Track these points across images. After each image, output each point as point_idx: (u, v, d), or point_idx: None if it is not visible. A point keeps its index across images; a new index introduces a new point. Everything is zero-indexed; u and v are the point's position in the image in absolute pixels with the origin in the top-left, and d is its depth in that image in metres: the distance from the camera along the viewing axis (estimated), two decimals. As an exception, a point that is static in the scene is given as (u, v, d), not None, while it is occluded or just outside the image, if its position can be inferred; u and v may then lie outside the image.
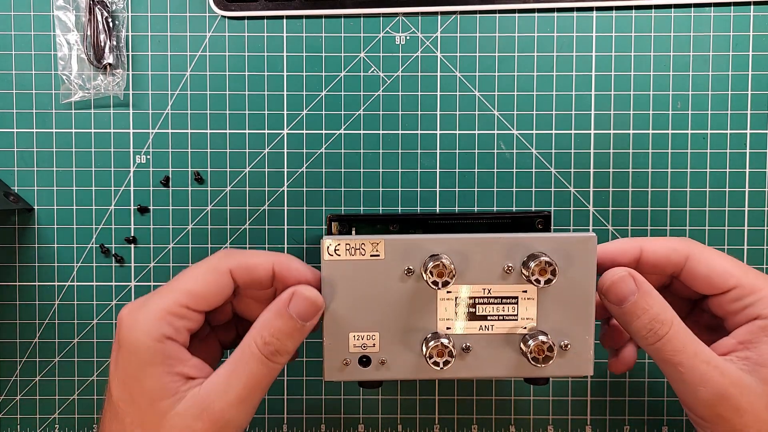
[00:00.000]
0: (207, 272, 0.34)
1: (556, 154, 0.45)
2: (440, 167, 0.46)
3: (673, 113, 0.45)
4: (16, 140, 0.46)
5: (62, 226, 0.46)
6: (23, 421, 0.46)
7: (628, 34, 0.45)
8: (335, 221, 0.43)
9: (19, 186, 0.46)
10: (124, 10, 0.45)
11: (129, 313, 0.33)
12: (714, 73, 0.45)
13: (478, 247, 0.35)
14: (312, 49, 0.45)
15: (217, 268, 0.34)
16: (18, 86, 0.45)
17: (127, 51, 0.45)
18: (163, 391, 0.31)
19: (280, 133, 0.46)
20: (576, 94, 0.45)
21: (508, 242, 0.35)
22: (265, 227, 0.46)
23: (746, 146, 0.45)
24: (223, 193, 0.46)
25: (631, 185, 0.45)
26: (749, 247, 0.45)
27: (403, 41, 0.45)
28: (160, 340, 0.32)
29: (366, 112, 0.46)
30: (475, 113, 0.45)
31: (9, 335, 0.46)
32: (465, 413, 0.46)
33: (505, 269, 0.35)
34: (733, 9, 0.45)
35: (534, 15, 0.45)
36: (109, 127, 0.46)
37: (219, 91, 0.45)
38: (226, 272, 0.34)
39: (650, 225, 0.45)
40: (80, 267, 0.46)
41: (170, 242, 0.46)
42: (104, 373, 0.46)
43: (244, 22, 0.45)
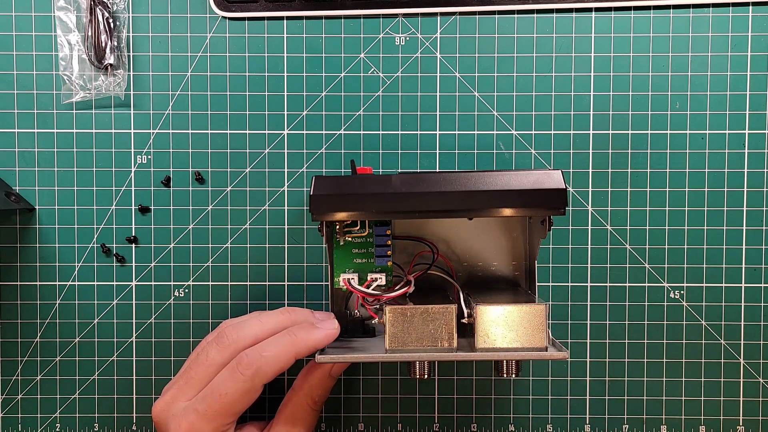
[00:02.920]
0: (245, 394, 0.37)
1: (555, 155, 0.46)
2: (440, 167, 0.46)
3: (671, 113, 0.45)
4: (18, 140, 0.46)
5: (63, 226, 0.46)
6: (24, 420, 0.47)
7: (626, 34, 0.45)
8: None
9: (21, 186, 0.46)
10: (125, 10, 0.45)
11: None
12: (712, 74, 0.45)
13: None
14: (312, 49, 0.45)
15: (253, 387, 0.37)
16: (19, 86, 0.46)
17: (128, 51, 0.45)
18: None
19: (281, 133, 0.46)
20: (575, 95, 0.45)
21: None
22: (266, 227, 0.46)
23: (745, 146, 0.45)
24: (223, 193, 0.46)
25: (630, 185, 0.45)
26: (747, 247, 0.45)
27: (402, 42, 0.45)
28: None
29: (366, 113, 0.46)
30: (475, 114, 0.46)
31: (10, 334, 0.46)
32: (464, 412, 0.46)
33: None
34: (731, 10, 0.45)
35: (533, 16, 0.45)
36: (110, 127, 0.46)
37: (220, 92, 0.46)
38: (261, 387, 0.38)
39: (649, 225, 0.46)
40: (81, 267, 0.46)
41: (171, 242, 0.46)
42: (105, 372, 0.46)
43: (245, 22, 0.45)
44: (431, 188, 0.36)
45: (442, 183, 0.36)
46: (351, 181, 0.37)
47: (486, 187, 0.37)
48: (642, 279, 0.46)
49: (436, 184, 0.36)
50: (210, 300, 0.46)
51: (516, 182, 0.37)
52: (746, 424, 0.46)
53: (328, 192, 0.37)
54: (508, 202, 0.36)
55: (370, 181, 0.37)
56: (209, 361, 0.38)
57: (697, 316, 0.46)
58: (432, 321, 0.37)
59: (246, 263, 0.46)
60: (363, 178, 0.38)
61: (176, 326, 0.46)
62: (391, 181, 0.37)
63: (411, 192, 0.36)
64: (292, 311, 0.40)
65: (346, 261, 0.40)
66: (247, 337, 0.38)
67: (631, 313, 0.46)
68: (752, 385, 0.46)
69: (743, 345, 0.46)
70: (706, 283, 0.46)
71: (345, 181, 0.37)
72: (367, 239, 0.40)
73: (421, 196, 0.36)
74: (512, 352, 0.37)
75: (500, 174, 0.37)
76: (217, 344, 0.38)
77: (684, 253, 0.46)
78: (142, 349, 0.46)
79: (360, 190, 0.37)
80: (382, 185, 0.37)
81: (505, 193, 0.36)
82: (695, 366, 0.46)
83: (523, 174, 0.37)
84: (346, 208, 0.37)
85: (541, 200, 0.36)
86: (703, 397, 0.46)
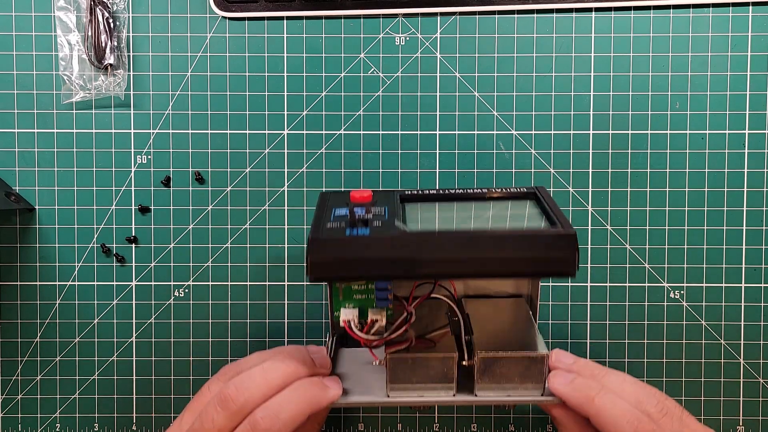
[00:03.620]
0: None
1: (555, 155, 0.46)
2: (440, 167, 0.46)
3: (671, 113, 0.45)
4: (18, 140, 0.46)
5: (63, 226, 0.46)
6: (24, 420, 0.47)
7: (626, 34, 0.45)
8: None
9: (21, 186, 0.46)
10: (125, 10, 0.45)
11: None
12: (712, 74, 0.45)
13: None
14: (312, 49, 0.45)
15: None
16: (19, 87, 0.46)
17: (128, 51, 0.45)
18: None
19: (281, 133, 0.46)
20: (575, 95, 0.45)
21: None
22: (266, 227, 0.46)
23: (745, 146, 0.45)
24: (223, 193, 0.46)
25: (630, 185, 0.46)
26: (747, 247, 0.46)
27: (402, 42, 0.45)
28: None
29: (366, 113, 0.46)
30: (475, 114, 0.46)
31: (10, 335, 0.46)
32: (464, 412, 0.46)
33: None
34: (731, 10, 0.45)
35: (533, 16, 0.45)
36: (110, 127, 0.46)
37: (220, 92, 0.46)
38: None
39: (649, 225, 0.46)
40: (81, 267, 0.46)
41: (171, 242, 0.46)
42: (105, 372, 0.46)
43: (245, 22, 0.45)
44: (437, 255, 0.34)
45: (448, 248, 0.34)
46: (351, 244, 0.34)
47: (494, 253, 0.34)
48: (642, 279, 0.46)
49: (440, 247, 0.34)
50: (210, 300, 0.46)
51: (526, 248, 0.34)
52: (746, 424, 0.46)
53: (327, 258, 0.34)
54: (516, 270, 0.34)
55: (372, 244, 0.34)
56: (217, 428, 0.36)
57: (697, 316, 0.46)
58: (432, 368, 0.37)
59: (246, 263, 0.46)
60: (363, 241, 0.34)
61: (176, 326, 0.46)
62: (393, 243, 0.34)
63: (415, 258, 0.34)
64: (293, 358, 0.38)
65: (346, 297, 0.38)
66: (255, 398, 0.36)
67: (631, 313, 0.46)
68: (752, 385, 0.46)
69: (743, 345, 0.46)
70: (706, 283, 0.46)
71: (345, 244, 0.34)
72: (368, 285, 0.39)
73: (425, 263, 0.34)
74: (510, 396, 0.37)
75: (510, 236, 0.34)
76: (224, 409, 0.36)
77: (684, 253, 0.46)
78: (142, 349, 0.46)
79: (361, 255, 0.34)
80: (384, 249, 0.34)
81: (514, 261, 0.34)
82: (695, 366, 0.46)
83: (534, 236, 0.34)
84: (347, 274, 0.35)
85: (551, 269, 0.34)
86: (703, 397, 0.46)
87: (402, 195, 0.39)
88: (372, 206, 0.38)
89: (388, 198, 0.39)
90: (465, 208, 0.39)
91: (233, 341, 0.46)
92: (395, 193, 0.40)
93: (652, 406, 0.36)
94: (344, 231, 0.34)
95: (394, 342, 0.37)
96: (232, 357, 0.46)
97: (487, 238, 0.34)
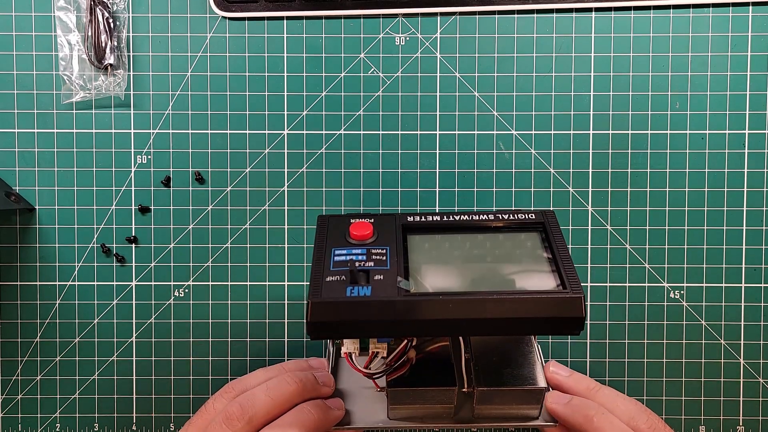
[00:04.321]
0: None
1: (555, 155, 0.46)
2: (440, 167, 0.46)
3: (671, 113, 0.45)
4: (18, 140, 0.46)
5: (63, 226, 0.46)
6: (24, 420, 0.47)
7: (626, 34, 0.45)
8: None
9: (21, 186, 0.46)
10: (125, 10, 0.45)
11: None
12: (712, 74, 0.45)
13: None
14: (312, 49, 0.45)
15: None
16: (19, 87, 0.46)
17: (128, 51, 0.45)
18: None
19: (281, 133, 0.46)
20: (575, 95, 0.45)
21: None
22: (266, 227, 0.46)
23: (745, 146, 0.45)
24: (223, 193, 0.46)
25: (630, 185, 0.45)
26: (747, 247, 0.45)
27: (402, 42, 0.45)
28: None
29: (366, 113, 0.46)
30: (475, 114, 0.46)
31: (10, 334, 0.46)
32: (464, 412, 0.46)
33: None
34: (731, 10, 0.45)
35: (533, 16, 0.45)
36: (110, 127, 0.46)
37: (220, 92, 0.46)
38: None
39: (649, 225, 0.46)
40: (81, 267, 0.46)
41: (171, 242, 0.46)
42: (105, 372, 0.46)
43: (245, 22, 0.45)
44: (439, 316, 0.33)
45: (452, 311, 0.33)
46: (352, 307, 0.33)
47: (499, 314, 0.33)
48: (642, 279, 0.46)
49: (445, 311, 0.33)
50: (210, 300, 0.46)
51: (532, 310, 0.33)
52: (746, 424, 0.46)
53: (327, 319, 0.33)
54: (521, 330, 0.35)
55: (373, 306, 0.33)
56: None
57: (697, 316, 0.46)
58: (432, 398, 0.37)
59: (246, 263, 0.46)
60: (364, 303, 0.33)
61: (176, 326, 0.46)
62: (397, 306, 0.33)
63: (417, 320, 0.33)
64: (297, 379, 0.38)
65: None
66: (259, 417, 0.36)
67: (631, 313, 0.46)
68: (752, 385, 0.46)
69: (743, 345, 0.46)
70: (706, 283, 0.46)
71: (346, 306, 0.33)
72: None
73: (428, 324, 0.33)
74: (509, 422, 0.38)
75: (515, 298, 0.33)
76: (228, 427, 0.36)
77: (684, 253, 0.46)
78: (142, 349, 0.46)
79: (362, 317, 0.33)
80: (386, 312, 0.33)
81: (518, 322, 0.33)
82: (695, 366, 0.46)
83: (541, 299, 0.33)
84: (348, 334, 0.34)
85: (556, 329, 0.34)
86: (703, 397, 0.46)
87: (404, 224, 0.38)
88: (373, 247, 0.37)
89: (389, 232, 0.38)
90: (469, 249, 0.37)
91: (233, 341, 0.46)
92: (397, 220, 0.38)
93: (643, 423, 0.38)
94: (344, 290, 0.33)
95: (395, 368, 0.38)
96: (232, 357, 0.46)
97: (492, 301, 0.33)
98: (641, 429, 0.38)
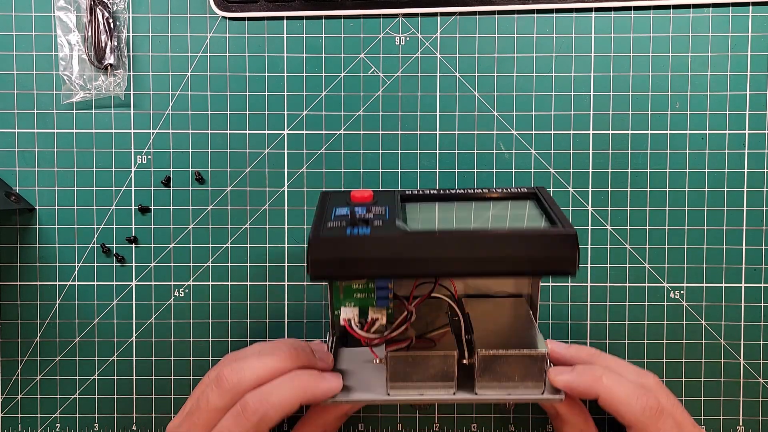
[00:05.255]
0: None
1: (555, 155, 0.46)
2: (440, 167, 0.46)
3: (671, 114, 0.45)
4: (18, 140, 0.46)
5: (63, 226, 0.46)
6: (24, 420, 0.47)
7: (626, 34, 0.45)
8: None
9: (21, 186, 0.46)
10: (125, 10, 0.45)
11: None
12: (712, 74, 0.45)
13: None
14: (312, 49, 0.45)
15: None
16: (19, 87, 0.46)
17: (128, 51, 0.45)
18: None
19: (281, 133, 0.46)
20: (575, 95, 0.45)
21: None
22: (266, 227, 0.46)
23: (745, 146, 0.45)
24: (223, 193, 0.46)
25: (630, 185, 0.46)
26: (747, 247, 0.46)
27: (402, 42, 0.45)
28: None
29: (366, 113, 0.46)
30: (475, 114, 0.46)
31: (10, 335, 0.46)
32: (464, 412, 0.46)
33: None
34: (731, 10, 0.45)
35: (533, 16, 0.45)
36: (110, 127, 0.46)
37: (220, 92, 0.46)
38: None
39: (649, 225, 0.46)
40: (81, 267, 0.46)
41: (171, 242, 0.46)
42: (105, 372, 0.46)
43: (245, 22, 0.45)
44: (437, 254, 0.34)
45: (449, 246, 0.34)
46: (352, 244, 0.34)
47: (496, 252, 0.34)
48: (642, 279, 0.46)
49: (441, 247, 0.34)
50: (210, 300, 0.46)
51: (527, 247, 0.34)
52: (746, 424, 0.46)
53: (327, 256, 0.34)
54: (517, 268, 0.35)
55: (373, 243, 0.34)
56: (210, 407, 0.37)
57: (697, 316, 0.46)
58: (433, 366, 0.37)
59: (246, 263, 0.46)
60: (364, 240, 0.34)
61: (176, 326, 0.46)
62: (396, 242, 0.34)
63: (415, 258, 0.34)
64: (292, 348, 0.39)
65: (347, 295, 0.38)
66: (248, 379, 0.37)
67: (631, 313, 0.46)
68: (752, 385, 0.46)
69: (743, 345, 0.46)
70: (706, 283, 0.46)
71: (346, 243, 0.34)
72: (368, 284, 0.39)
73: (426, 262, 0.34)
74: (511, 394, 0.37)
75: (511, 235, 0.34)
76: (217, 388, 0.37)
77: (684, 253, 0.46)
78: (142, 349, 0.46)
79: (361, 254, 0.34)
80: (385, 248, 0.34)
81: (514, 259, 0.34)
82: (695, 366, 0.46)
83: (535, 235, 0.34)
84: (348, 272, 0.35)
85: (551, 267, 0.34)
86: (703, 397, 0.46)
87: (402, 195, 0.40)
88: (373, 206, 0.38)
89: (388, 198, 0.39)
90: (465, 208, 0.39)
91: (233, 341, 0.46)
92: (396, 192, 0.40)
93: (651, 379, 0.39)
94: (345, 230, 0.34)
95: (394, 341, 0.37)
96: (232, 357, 0.46)
97: (487, 237, 0.34)
98: (649, 384, 0.39)
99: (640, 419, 0.37)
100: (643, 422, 0.37)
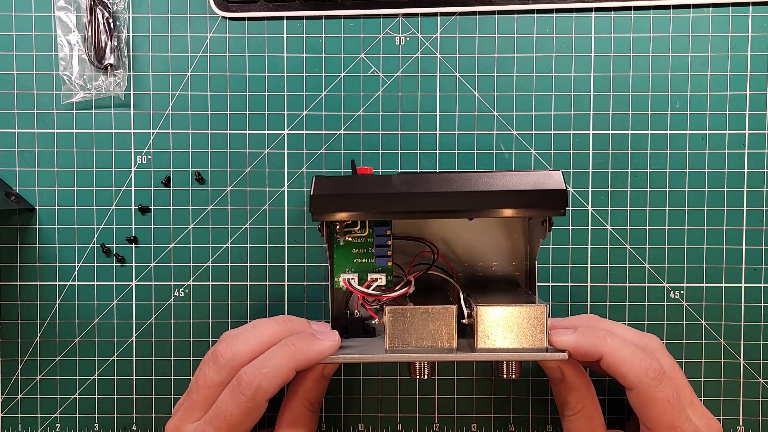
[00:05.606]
0: (249, 413, 0.37)
1: (555, 155, 0.46)
2: (440, 167, 0.46)
3: (671, 113, 0.45)
4: (18, 140, 0.46)
5: (63, 226, 0.46)
6: (24, 420, 0.47)
7: (626, 34, 0.45)
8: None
9: (21, 186, 0.46)
10: (125, 10, 0.45)
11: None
12: (712, 74, 0.45)
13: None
14: (312, 49, 0.45)
15: (256, 406, 0.37)
16: (19, 87, 0.46)
17: (128, 51, 0.45)
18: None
19: (281, 133, 0.46)
20: (575, 95, 0.45)
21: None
22: (266, 227, 0.46)
23: (745, 146, 0.45)
24: (223, 193, 0.46)
25: (630, 185, 0.46)
26: (747, 247, 0.46)
27: (402, 42, 0.45)
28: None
29: (366, 113, 0.46)
30: (475, 114, 0.46)
31: (10, 335, 0.46)
32: (464, 412, 0.46)
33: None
34: (731, 10, 0.45)
35: (533, 16, 0.45)
36: (110, 127, 0.46)
37: (220, 92, 0.46)
38: (265, 403, 0.37)
39: (649, 225, 0.46)
40: (81, 267, 0.46)
41: (171, 242, 0.46)
42: (105, 372, 0.46)
43: (245, 22, 0.45)
44: (432, 188, 0.36)
45: (443, 183, 0.37)
46: (351, 181, 0.37)
47: (486, 187, 0.37)
48: (642, 279, 0.46)
49: (436, 184, 0.37)
50: (210, 300, 0.46)
51: (516, 183, 0.37)
52: (746, 424, 0.46)
53: (328, 192, 0.37)
54: (508, 203, 0.37)
55: (371, 181, 0.37)
56: (208, 383, 0.37)
57: (697, 316, 0.46)
58: (432, 321, 0.37)
59: (246, 263, 0.46)
60: (363, 178, 0.38)
61: (176, 326, 0.46)
62: (392, 181, 0.37)
63: (411, 192, 0.36)
64: (289, 320, 0.39)
65: (347, 261, 0.40)
66: (242, 353, 0.37)
67: (631, 313, 0.46)
68: (752, 385, 0.46)
69: (743, 345, 0.46)
70: (706, 283, 0.46)
71: (345, 181, 0.37)
72: (367, 239, 0.40)
73: (421, 196, 0.36)
74: (512, 353, 0.37)
75: (501, 174, 0.37)
76: (213, 364, 0.37)
77: (684, 253, 0.46)
78: (142, 349, 0.46)
79: (360, 190, 0.37)
80: (382, 185, 0.37)
81: (505, 194, 0.36)
82: (695, 366, 0.46)
83: (523, 174, 0.37)
84: (347, 208, 0.37)
85: (541, 201, 0.36)
86: (703, 397, 0.46)
87: (402, 173, 0.41)
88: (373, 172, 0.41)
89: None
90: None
91: (233, 341, 0.46)
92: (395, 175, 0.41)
93: (654, 341, 0.40)
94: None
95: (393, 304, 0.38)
96: (232, 357, 0.46)
97: (483, 176, 0.37)
98: (652, 346, 0.39)
99: (643, 380, 0.37)
100: (646, 384, 0.37)
